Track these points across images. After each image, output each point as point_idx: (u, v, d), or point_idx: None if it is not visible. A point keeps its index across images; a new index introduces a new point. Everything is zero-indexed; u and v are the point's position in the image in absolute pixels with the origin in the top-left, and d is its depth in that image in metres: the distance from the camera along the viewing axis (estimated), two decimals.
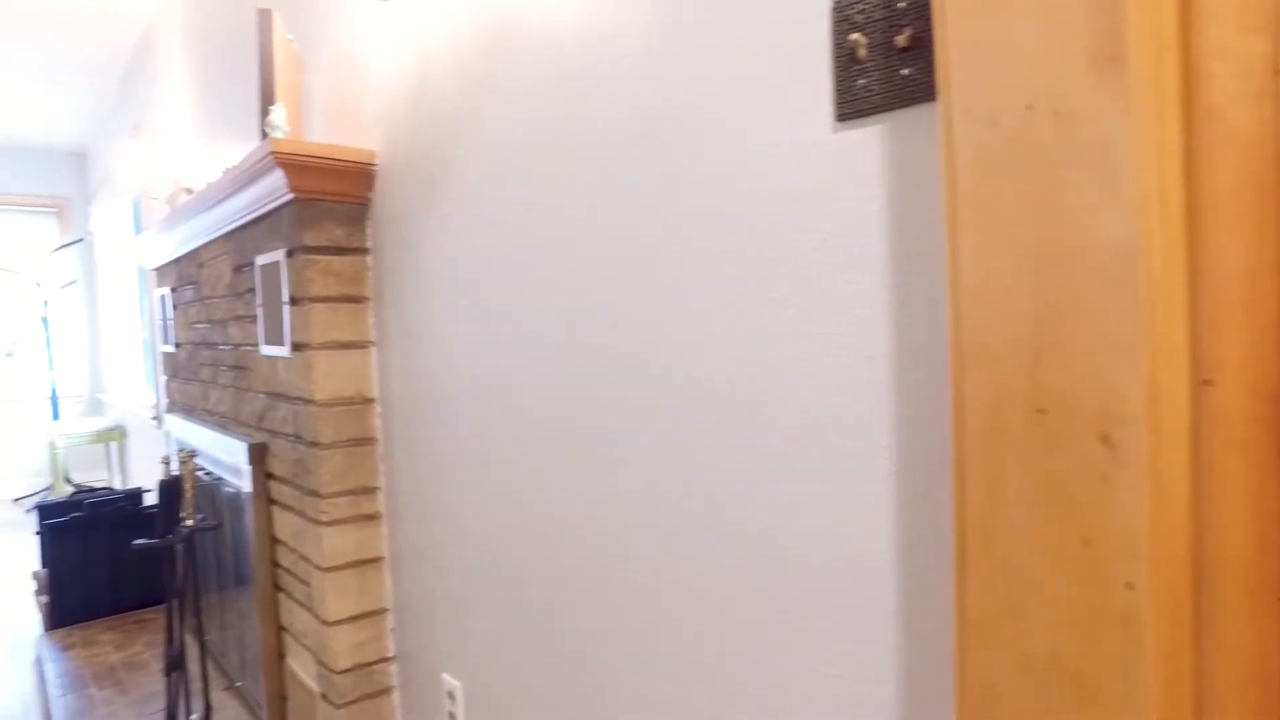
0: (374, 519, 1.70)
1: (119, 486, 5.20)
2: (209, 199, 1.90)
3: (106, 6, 3.49)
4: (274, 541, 1.93)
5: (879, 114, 0.75)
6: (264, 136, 1.64)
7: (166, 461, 1.82)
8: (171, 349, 2.87)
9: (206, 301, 2.35)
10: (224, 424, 2.26)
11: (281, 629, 1.95)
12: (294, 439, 1.72)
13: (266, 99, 1.69)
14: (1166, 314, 0.51)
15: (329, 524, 1.63)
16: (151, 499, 4.09)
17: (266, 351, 1.82)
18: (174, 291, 2.75)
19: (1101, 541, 0.54)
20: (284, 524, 1.86)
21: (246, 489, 1.97)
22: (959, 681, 0.63)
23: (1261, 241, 0.50)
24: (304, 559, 1.74)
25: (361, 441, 1.67)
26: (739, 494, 0.90)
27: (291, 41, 1.78)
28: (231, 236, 2.02)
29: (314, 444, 1.62)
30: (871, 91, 0.76)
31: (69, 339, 6.14)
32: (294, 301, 1.65)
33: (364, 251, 1.67)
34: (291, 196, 1.56)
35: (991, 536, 0.60)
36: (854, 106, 0.77)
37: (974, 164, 0.60)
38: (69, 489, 4.86)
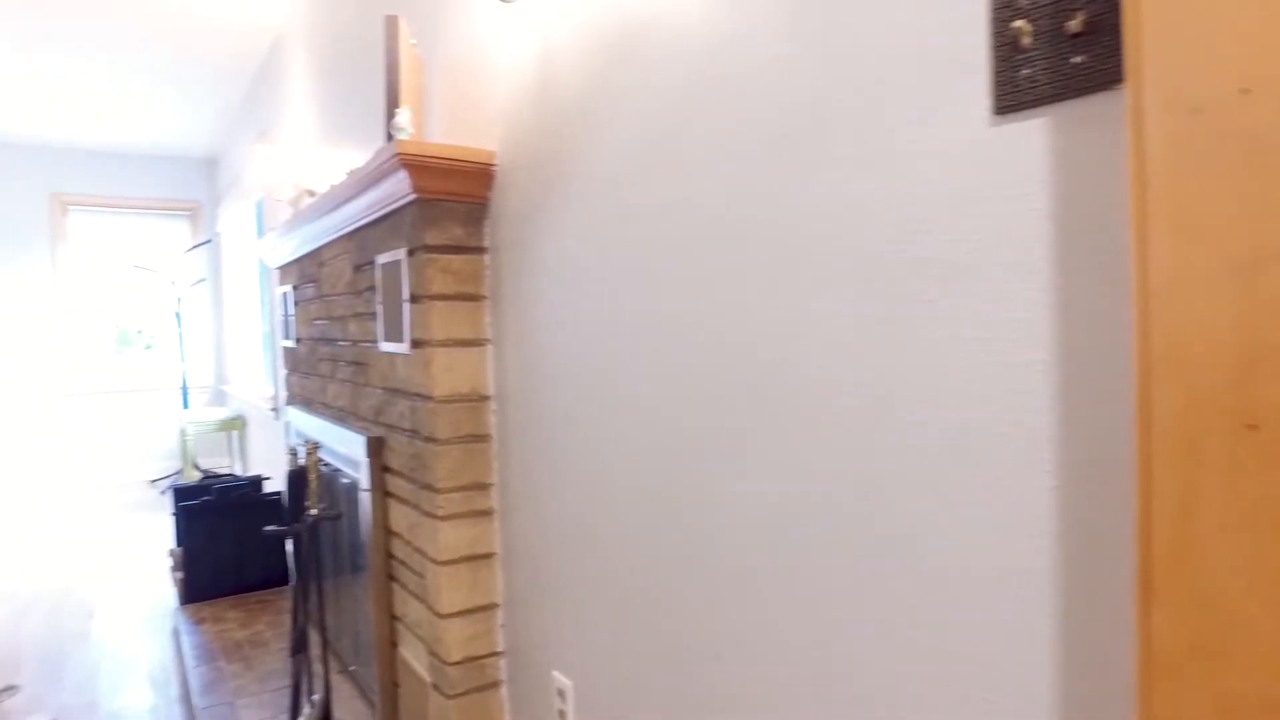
0: (487, 515, 1.73)
1: (240, 473, 5.53)
2: (333, 200, 1.98)
3: (236, 20, 3.71)
4: (389, 533, 2.00)
5: (1044, 105, 0.71)
6: (389, 139, 1.70)
7: (294, 452, 1.91)
8: (292, 344, 3.01)
9: (327, 299, 2.45)
10: (341, 417, 2.36)
11: (394, 618, 2.02)
12: (411, 434, 1.77)
13: (392, 102, 1.74)
14: None
15: (444, 519, 1.67)
16: (270, 486, 4.33)
17: (385, 348, 1.88)
18: (295, 289, 2.89)
19: None
20: (399, 516, 1.92)
21: (362, 480, 2.05)
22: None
23: None
24: (418, 551, 1.79)
25: (477, 438, 1.71)
26: (877, 500, 0.86)
27: (414, 45, 1.84)
28: (353, 236, 2.10)
29: (431, 439, 1.67)
30: (1037, 82, 0.71)
31: (197, 333, 6.58)
32: (414, 299, 1.69)
33: (482, 250, 1.71)
34: (414, 196, 1.60)
35: (1185, 564, 0.55)
36: (1016, 99, 0.73)
37: (1170, 156, 0.55)
38: (196, 474, 5.20)
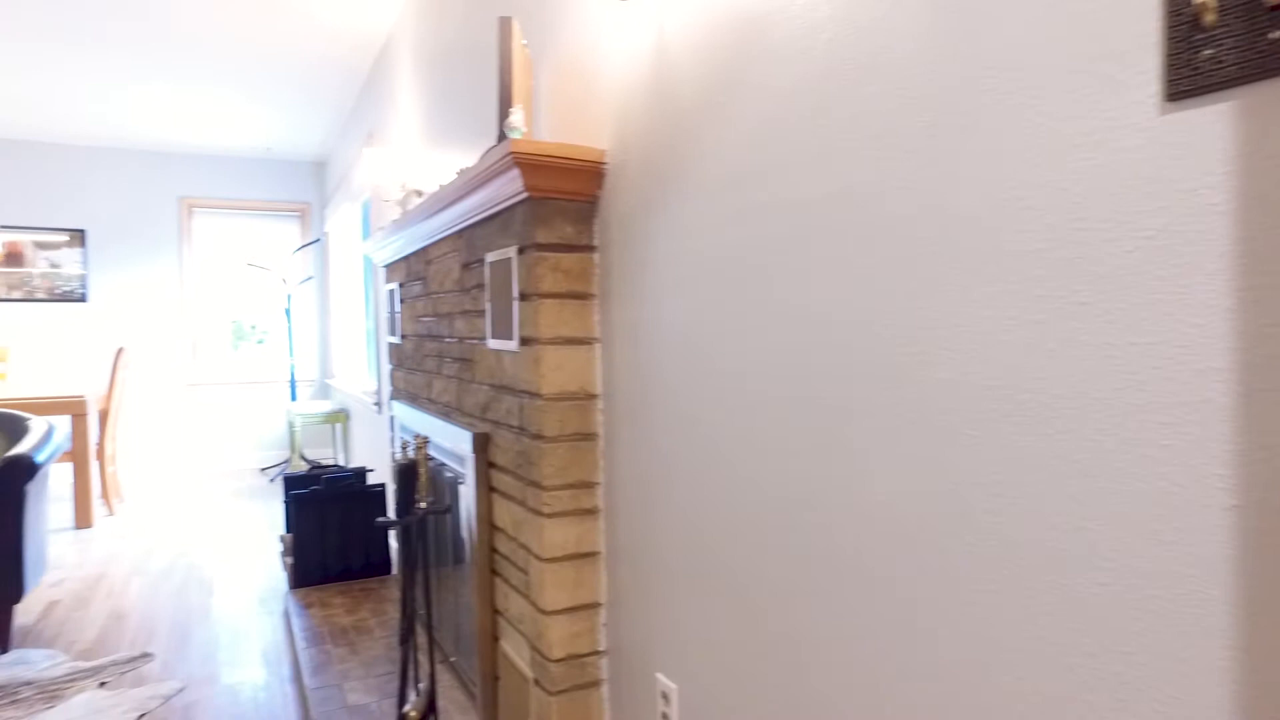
0: (592, 513, 1.72)
1: (344, 464, 5.76)
2: (442, 199, 2.02)
3: (350, 25, 3.85)
4: (493, 528, 2.02)
5: (1229, 89, 0.63)
6: (502, 138, 1.71)
7: (405, 446, 1.95)
8: (398, 340, 3.09)
9: (433, 296, 2.50)
10: (446, 413, 2.40)
11: (496, 612, 2.03)
12: (518, 431, 1.78)
13: (505, 102, 1.75)
14: None
15: (550, 516, 1.67)
16: (374, 478, 4.48)
17: (493, 345, 1.90)
18: (402, 286, 2.97)
19: None
20: (503, 512, 1.93)
21: (467, 475, 2.07)
22: None
23: None
24: (523, 547, 1.79)
25: (584, 436, 1.70)
26: (1021, 508, 0.79)
27: (525, 46, 1.84)
28: (462, 234, 2.13)
29: (538, 437, 1.67)
30: (1221, 63, 0.63)
31: (304, 329, 6.90)
32: (523, 297, 1.70)
33: (591, 249, 1.70)
34: (526, 195, 1.60)
35: None
36: (1194, 82, 0.65)
37: None
38: (303, 464, 5.44)
